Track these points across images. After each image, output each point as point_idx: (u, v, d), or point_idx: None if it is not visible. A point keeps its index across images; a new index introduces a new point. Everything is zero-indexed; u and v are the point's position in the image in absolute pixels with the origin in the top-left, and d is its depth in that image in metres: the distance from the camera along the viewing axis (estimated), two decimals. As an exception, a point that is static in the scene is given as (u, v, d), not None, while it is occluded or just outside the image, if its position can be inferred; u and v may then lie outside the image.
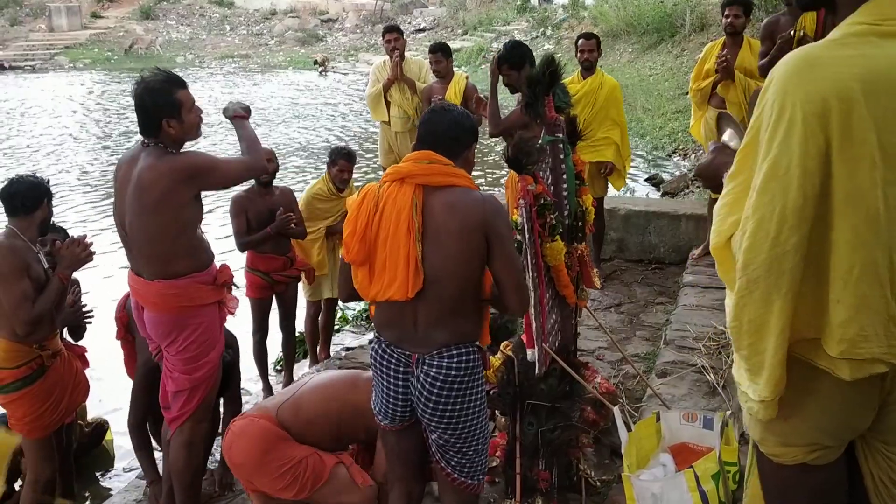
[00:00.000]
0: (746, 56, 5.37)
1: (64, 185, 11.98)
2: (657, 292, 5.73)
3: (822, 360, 1.55)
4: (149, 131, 3.06)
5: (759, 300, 1.51)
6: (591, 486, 3.32)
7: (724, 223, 1.61)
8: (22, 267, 3.31)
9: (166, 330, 3.16)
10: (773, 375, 1.54)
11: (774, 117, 1.48)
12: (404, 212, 2.38)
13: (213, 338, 3.24)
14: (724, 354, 4.23)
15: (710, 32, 15.81)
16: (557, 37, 23.08)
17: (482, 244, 2.39)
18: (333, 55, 28.58)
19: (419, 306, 2.44)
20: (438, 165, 2.45)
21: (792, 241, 1.46)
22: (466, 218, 2.38)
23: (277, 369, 5.86)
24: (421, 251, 2.37)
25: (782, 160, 1.46)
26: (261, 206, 4.70)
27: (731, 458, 2.82)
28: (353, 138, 15.03)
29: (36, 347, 3.44)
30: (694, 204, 6.99)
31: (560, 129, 3.33)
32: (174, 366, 3.19)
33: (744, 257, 1.52)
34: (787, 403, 1.59)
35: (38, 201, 3.49)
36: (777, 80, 1.50)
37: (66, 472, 4.11)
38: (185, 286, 3.09)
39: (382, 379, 2.57)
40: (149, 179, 2.98)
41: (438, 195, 2.40)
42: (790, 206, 1.45)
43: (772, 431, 1.65)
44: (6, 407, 3.52)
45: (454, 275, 2.40)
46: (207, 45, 31.37)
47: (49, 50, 29.93)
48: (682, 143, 12.05)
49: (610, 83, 5.66)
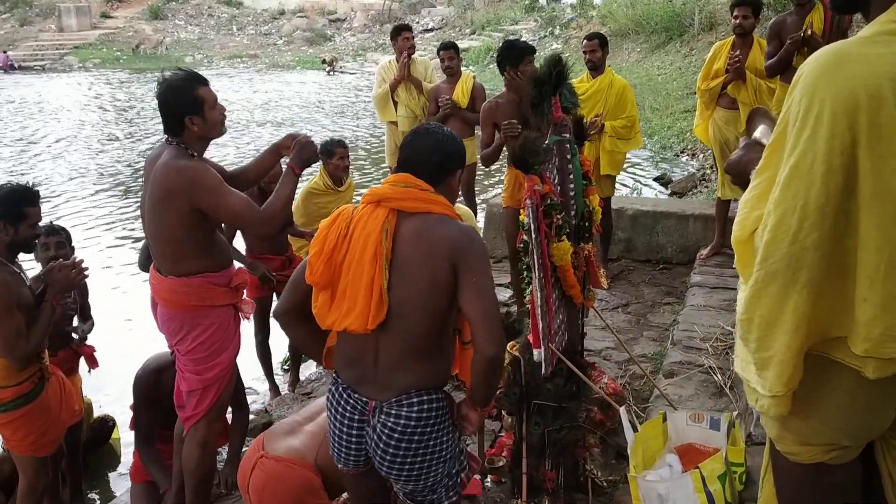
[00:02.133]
0: (757, 56, 5.35)
1: (72, 183, 12.05)
2: (665, 292, 5.72)
3: (847, 357, 1.53)
4: (173, 129, 3.05)
5: (775, 294, 1.50)
6: (598, 487, 3.31)
7: (748, 217, 1.61)
8: (13, 302, 3.16)
9: (176, 327, 3.17)
10: (786, 371, 1.52)
11: (802, 113, 1.47)
12: (373, 236, 2.22)
13: (225, 340, 3.22)
14: (732, 355, 4.21)
15: (719, 32, 15.78)
16: (566, 36, 23.06)
17: (451, 276, 2.19)
18: (341, 55, 28.61)
19: (381, 342, 2.26)
20: (415, 190, 2.28)
21: (812, 237, 1.45)
22: (435, 247, 2.20)
23: (285, 368, 5.87)
24: (388, 280, 2.20)
25: (807, 156, 1.45)
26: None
27: (738, 459, 2.82)
28: (360, 139, 15.04)
29: (35, 360, 3.33)
30: (702, 204, 6.96)
31: (567, 129, 3.33)
32: (185, 365, 3.19)
33: (763, 251, 1.51)
34: (806, 401, 1.57)
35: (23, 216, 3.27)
36: (806, 76, 1.49)
37: (75, 472, 4.12)
38: (198, 285, 3.09)
39: (336, 424, 2.38)
40: (160, 178, 2.98)
41: (411, 221, 2.24)
42: (812, 203, 1.44)
43: (790, 430, 1.64)
44: (8, 427, 3.33)
45: (421, 308, 2.21)
46: (216, 45, 31.45)
47: (58, 50, 30.07)
48: (691, 143, 12.02)
49: (620, 83, 5.63)
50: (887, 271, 1.44)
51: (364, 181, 11.61)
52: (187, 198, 2.94)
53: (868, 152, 1.42)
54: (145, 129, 16.67)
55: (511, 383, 3.22)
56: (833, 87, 1.44)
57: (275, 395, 5.08)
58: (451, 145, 2.38)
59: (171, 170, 2.96)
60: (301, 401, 4.70)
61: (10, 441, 3.39)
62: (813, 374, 1.55)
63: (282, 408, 4.74)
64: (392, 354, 2.26)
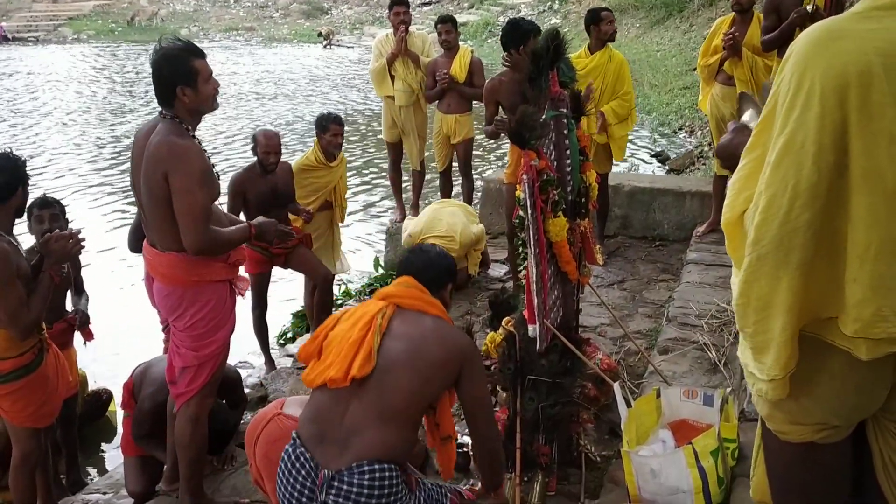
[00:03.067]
0: (755, 33, 5.30)
1: (67, 156, 11.99)
2: (660, 269, 5.71)
3: (838, 339, 1.52)
4: (164, 99, 3.00)
5: (768, 276, 1.49)
6: (591, 462, 3.34)
7: (737, 198, 1.59)
8: (14, 272, 3.13)
9: (174, 303, 3.13)
10: (783, 354, 1.51)
11: (792, 91, 1.44)
12: (369, 314, 2.39)
13: (223, 317, 3.19)
14: (726, 332, 4.23)
15: (719, 8, 15.66)
16: (564, 11, 22.90)
17: (451, 378, 2.39)
18: (338, 28, 28.40)
19: (354, 400, 2.30)
20: (416, 290, 2.49)
21: (804, 217, 1.43)
22: (444, 346, 2.37)
23: (281, 343, 5.88)
24: (377, 346, 2.32)
25: (798, 135, 1.43)
26: (261, 185, 4.69)
27: (731, 435, 2.83)
28: (357, 113, 14.97)
29: (35, 331, 3.33)
30: (699, 181, 6.95)
31: (564, 104, 3.31)
32: (182, 341, 3.16)
33: (755, 232, 1.49)
34: (797, 381, 1.56)
35: (13, 188, 3.25)
36: (797, 53, 1.46)
37: (71, 443, 4.14)
38: (196, 261, 3.04)
39: (286, 490, 2.35)
40: (155, 153, 2.93)
41: (410, 313, 2.43)
42: (804, 183, 1.42)
43: (780, 409, 1.63)
44: (7, 399, 3.31)
45: (406, 383, 2.31)
46: (212, 17, 31.19)
47: (52, 21, 29.80)
48: (689, 120, 11.99)
49: (618, 58, 5.61)
50: (877, 252, 1.43)
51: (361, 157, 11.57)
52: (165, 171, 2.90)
53: (859, 130, 1.40)
54: (141, 102, 16.57)
55: (506, 359, 3.23)
56: (823, 65, 1.41)
57: (270, 369, 5.09)
58: (443, 262, 2.63)
59: (163, 145, 2.91)
60: (297, 374, 4.71)
61: (8, 413, 3.39)
62: (804, 355, 1.54)
63: (277, 381, 4.75)
64: (361, 415, 2.30)
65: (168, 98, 2.98)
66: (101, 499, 3.87)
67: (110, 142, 13.01)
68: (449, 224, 5.43)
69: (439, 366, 2.35)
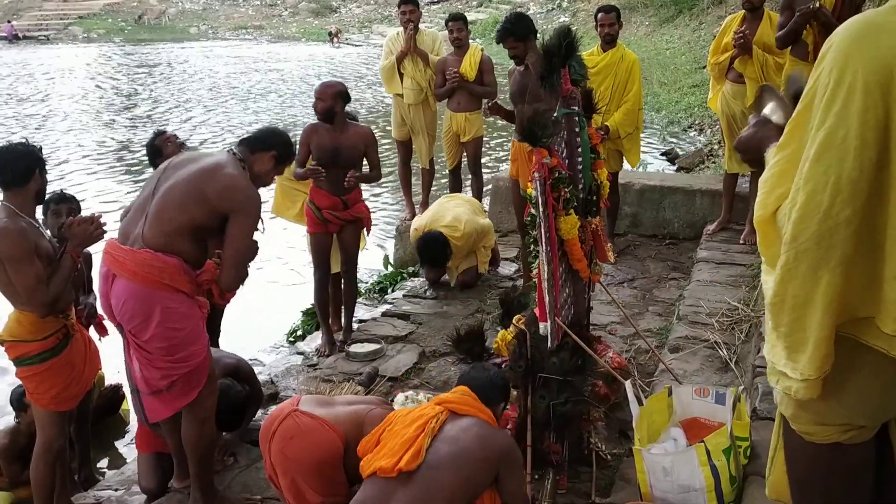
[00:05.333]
0: (766, 31, 5.29)
1: (77, 153, 12.05)
2: (671, 268, 5.71)
3: (874, 338, 1.49)
4: (256, 146, 3.25)
5: (806, 274, 1.46)
6: (602, 460, 3.33)
7: (769, 195, 1.56)
8: (31, 249, 3.22)
9: (134, 308, 3.03)
10: (819, 352, 1.48)
11: (832, 85, 1.42)
12: (425, 418, 2.58)
13: (192, 330, 3.13)
14: (737, 330, 4.22)
15: (729, 5, 15.62)
16: (573, 9, 22.87)
17: (490, 476, 2.55)
18: (347, 27, 28.43)
19: (399, 491, 2.46)
20: (470, 399, 2.70)
21: (845, 213, 1.41)
22: (484, 447, 2.54)
23: (290, 340, 5.88)
24: (427, 447, 2.49)
25: (839, 130, 1.40)
26: (325, 139, 4.62)
27: (743, 434, 2.82)
28: (369, 111, 14.98)
29: (61, 317, 3.43)
30: (709, 179, 6.93)
31: (576, 102, 3.30)
32: (152, 356, 3.09)
33: (793, 229, 1.46)
34: (826, 382, 1.53)
35: (30, 172, 3.32)
36: (836, 47, 1.44)
37: (84, 439, 4.16)
38: (171, 265, 3.02)
39: None
40: (224, 176, 3.05)
41: (461, 419, 2.62)
42: (845, 178, 1.39)
43: (806, 409, 1.60)
44: (32, 381, 3.42)
45: (450, 481, 2.46)
46: (221, 16, 31.26)
47: (63, 20, 29.92)
48: (699, 118, 11.95)
49: (630, 57, 5.60)
50: None
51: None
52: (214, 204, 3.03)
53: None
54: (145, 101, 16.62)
55: (517, 356, 3.23)
56: (865, 58, 1.39)
57: (327, 345, 5.03)
58: (498, 380, 2.86)
59: (240, 183, 3.08)
60: (307, 372, 4.72)
61: (33, 394, 3.48)
62: (836, 355, 1.51)
63: (287, 378, 4.76)
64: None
65: (260, 147, 3.26)
66: (113, 495, 3.89)
67: (120, 143, 13.07)
68: (454, 215, 5.50)
69: (479, 465, 2.53)
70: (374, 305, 6.10)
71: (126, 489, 3.90)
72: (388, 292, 6.33)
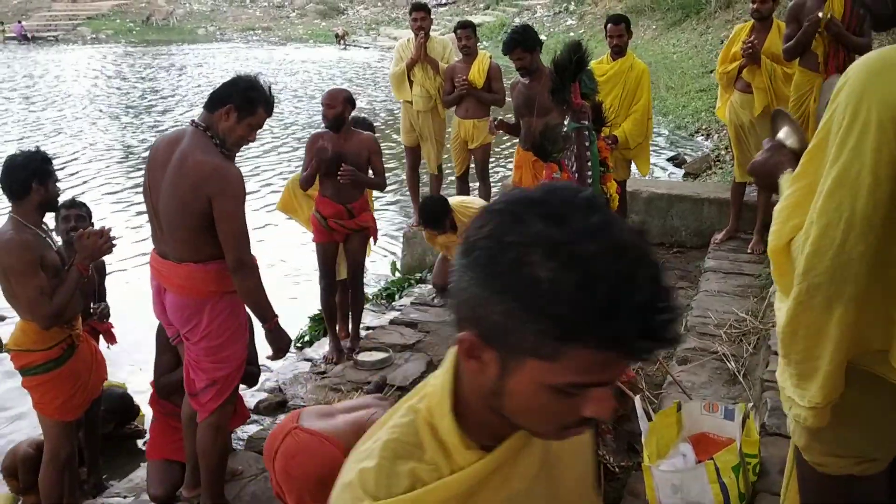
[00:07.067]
0: (774, 41, 5.28)
1: (86, 158, 12.09)
2: (678, 276, 5.70)
3: (888, 371, 1.49)
4: (213, 104, 3.05)
5: (820, 307, 1.46)
6: (610, 473, 3.33)
7: (784, 226, 1.56)
8: (35, 261, 3.22)
9: (188, 315, 3.12)
10: (829, 382, 1.49)
11: (847, 120, 1.42)
12: None
13: (238, 329, 3.20)
14: (746, 342, 4.21)
15: (736, 10, 15.58)
16: (580, 12, 22.82)
17: None
18: (354, 28, 28.46)
19: None
20: None
21: (858, 249, 1.41)
22: None
23: (298, 346, 5.89)
24: None
25: (853, 165, 1.40)
26: (329, 147, 4.62)
27: (752, 450, 2.82)
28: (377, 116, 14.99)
29: (66, 327, 3.44)
30: (717, 187, 6.93)
31: (586, 116, 3.30)
32: (199, 356, 3.16)
33: (805, 263, 1.47)
34: (838, 412, 1.53)
35: (28, 183, 3.30)
36: (852, 82, 1.44)
37: (93, 447, 4.18)
38: (214, 271, 3.06)
39: None
40: (191, 167, 2.95)
41: None
42: (859, 214, 1.40)
43: (818, 440, 1.61)
44: (37, 390, 3.45)
45: None
46: (229, 17, 31.33)
47: (72, 21, 30.03)
48: (706, 123, 11.93)
49: (639, 66, 5.61)
50: None
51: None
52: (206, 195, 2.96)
53: None
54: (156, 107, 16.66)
55: (526, 369, 3.23)
56: (880, 95, 1.39)
57: (334, 352, 5.07)
58: None
59: (206, 165, 2.95)
60: (315, 380, 4.73)
61: (38, 404, 3.50)
62: (848, 386, 1.52)
63: (295, 386, 4.77)
64: None
65: (216, 105, 3.04)
66: (122, 502, 3.91)
67: (131, 145, 13.10)
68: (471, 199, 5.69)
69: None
70: (381, 312, 6.12)
71: (135, 496, 3.92)
72: (396, 298, 6.34)
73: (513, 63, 4.84)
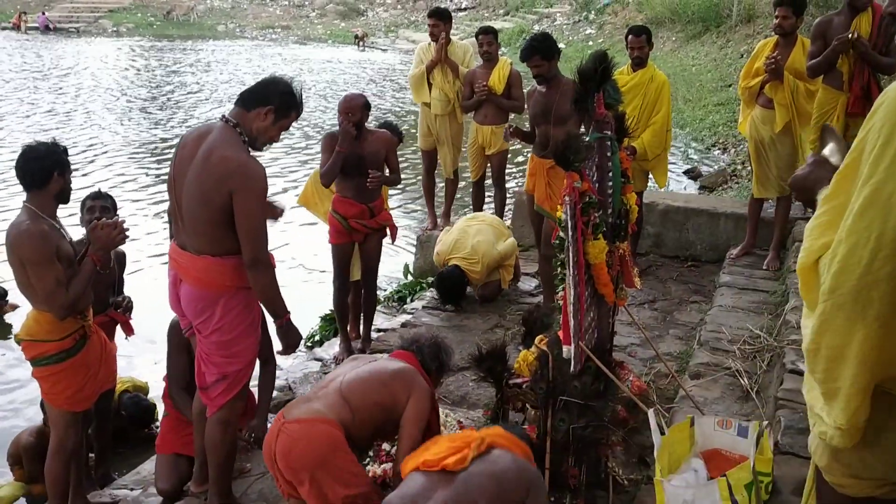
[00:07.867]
0: (798, 57, 5.25)
1: (106, 150, 12.15)
2: (692, 290, 5.68)
3: None
4: (251, 102, 3.07)
5: (843, 327, 1.46)
6: (619, 485, 3.32)
7: (814, 243, 1.56)
8: (52, 252, 3.24)
9: (202, 307, 3.13)
10: (851, 404, 1.48)
11: (882, 141, 1.42)
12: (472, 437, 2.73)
13: (250, 324, 3.20)
14: (759, 359, 4.19)
15: (757, 24, 15.52)
16: (600, 21, 22.81)
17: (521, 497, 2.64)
18: (373, 30, 28.53)
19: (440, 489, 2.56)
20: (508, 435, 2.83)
21: (885, 270, 1.40)
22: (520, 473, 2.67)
23: (308, 346, 5.89)
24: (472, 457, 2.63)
25: (886, 185, 1.40)
26: (348, 147, 4.61)
27: (765, 469, 2.80)
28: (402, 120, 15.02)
29: (79, 318, 3.46)
30: (734, 202, 6.89)
31: (608, 126, 3.30)
32: (210, 350, 3.17)
33: (831, 281, 1.46)
34: (862, 435, 1.52)
35: (49, 173, 3.32)
36: (888, 104, 1.43)
37: (103, 438, 4.19)
38: (232, 266, 3.08)
39: None
40: (216, 162, 2.96)
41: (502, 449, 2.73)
42: (888, 235, 1.39)
43: (840, 461, 1.60)
44: (47, 380, 3.47)
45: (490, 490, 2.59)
46: (249, 15, 31.47)
47: (93, 13, 30.23)
48: (723, 137, 11.89)
49: (660, 78, 5.59)
50: None
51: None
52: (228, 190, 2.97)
53: None
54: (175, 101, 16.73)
55: (538, 378, 3.22)
56: None
57: (345, 350, 5.06)
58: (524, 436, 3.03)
59: (231, 162, 2.96)
60: (325, 380, 4.73)
61: (47, 394, 3.52)
62: (873, 409, 1.51)
63: (305, 385, 4.77)
64: None
65: (252, 103, 3.07)
66: (129, 495, 3.92)
67: (163, 139, 13.17)
68: (473, 246, 5.52)
69: (514, 485, 2.63)
70: (392, 314, 6.11)
71: (142, 489, 3.93)
72: (407, 301, 6.34)
73: (530, 70, 4.82)
